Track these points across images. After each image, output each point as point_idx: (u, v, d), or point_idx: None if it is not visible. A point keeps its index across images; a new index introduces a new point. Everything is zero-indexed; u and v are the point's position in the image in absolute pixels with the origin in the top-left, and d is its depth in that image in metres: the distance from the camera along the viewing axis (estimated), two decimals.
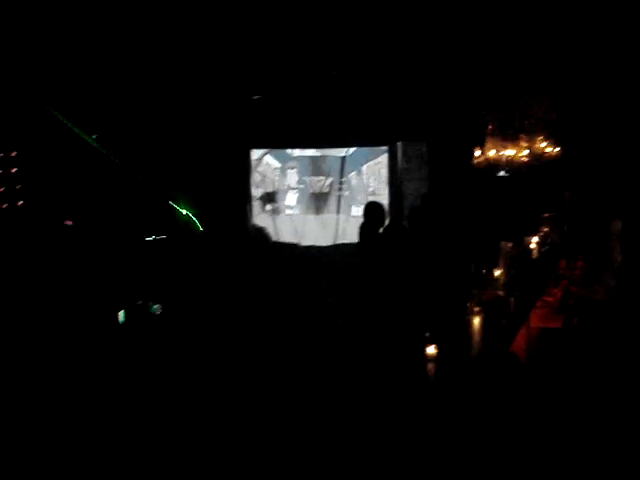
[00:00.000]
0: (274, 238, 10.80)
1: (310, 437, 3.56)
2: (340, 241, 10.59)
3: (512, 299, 5.65)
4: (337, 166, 10.53)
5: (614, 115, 8.49)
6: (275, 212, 10.75)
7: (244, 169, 10.59)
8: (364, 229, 5.90)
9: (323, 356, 3.73)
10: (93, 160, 8.77)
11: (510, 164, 7.82)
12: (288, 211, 10.76)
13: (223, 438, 4.42)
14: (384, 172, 10.41)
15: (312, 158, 10.59)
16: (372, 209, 5.92)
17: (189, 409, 5.08)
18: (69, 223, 8.19)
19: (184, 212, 7.84)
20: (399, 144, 10.24)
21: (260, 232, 10.78)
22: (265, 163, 10.70)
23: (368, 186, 10.51)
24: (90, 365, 5.88)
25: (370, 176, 10.51)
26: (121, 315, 6.54)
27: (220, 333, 6.78)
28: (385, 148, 10.38)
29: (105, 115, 8.52)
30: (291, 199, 10.72)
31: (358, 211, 10.13)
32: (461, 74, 8.35)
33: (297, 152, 10.60)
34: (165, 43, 7.33)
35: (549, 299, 6.53)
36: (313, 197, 10.66)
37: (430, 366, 4.09)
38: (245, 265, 9.93)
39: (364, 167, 10.50)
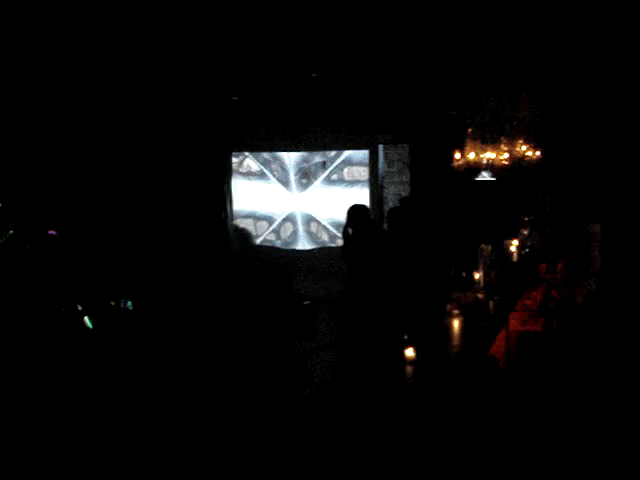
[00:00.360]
0: (255, 240, 10.76)
1: (289, 440, 3.53)
2: (321, 244, 10.57)
3: (492, 302, 5.65)
4: (318, 169, 10.50)
5: (594, 119, 8.55)
6: (256, 215, 10.71)
7: (225, 171, 10.55)
8: (347, 232, 5.87)
9: (302, 358, 3.70)
10: (75, 166, 8.68)
11: (490, 167, 7.84)
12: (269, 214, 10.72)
13: (202, 440, 4.37)
14: (365, 175, 10.39)
15: (293, 161, 10.55)
16: (354, 212, 5.89)
17: (172, 409, 5.03)
18: (53, 233, 8.07)
19: None
20: (380, 147, 10.23)
21: (241, 234, 10.73)
22: (246, 166, 10.65)
23: (350, 189, 10.49)
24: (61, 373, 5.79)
25: (351, 179, 10.49)
26: (87, 321, 6.42)
27: (197, 334, 6.72)
28: (366, 151, 10.36)
29: (83, 116, 8.44)
30: (273, 202, 10.67)
31: (340, 214, 10.10)
32: (442, 77, 8.36)
33: (278, 155, 10.56)
34: (145, 44, 7.28)
35: (529, 302, 6.54)
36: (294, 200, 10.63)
37: (408, 369, 4.06)
38: (225, 267, 9.87)
39: (345, 170, 10.48)
